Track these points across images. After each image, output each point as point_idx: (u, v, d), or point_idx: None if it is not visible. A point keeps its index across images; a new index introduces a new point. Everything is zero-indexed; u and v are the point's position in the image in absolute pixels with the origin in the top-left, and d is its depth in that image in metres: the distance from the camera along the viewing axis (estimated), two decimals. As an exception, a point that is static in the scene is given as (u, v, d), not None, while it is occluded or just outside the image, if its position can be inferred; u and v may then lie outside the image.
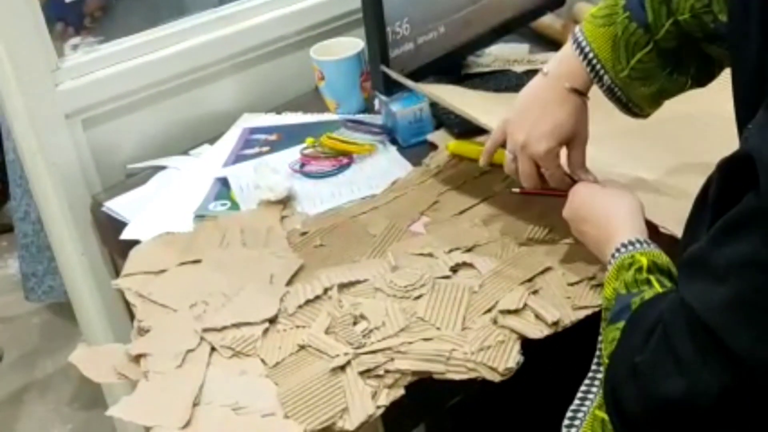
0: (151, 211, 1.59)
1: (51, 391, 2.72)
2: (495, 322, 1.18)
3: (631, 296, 0.97)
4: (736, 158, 0.83)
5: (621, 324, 0.95)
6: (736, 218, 0.81)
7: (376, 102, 1.78)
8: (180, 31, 1.84)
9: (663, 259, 1.02)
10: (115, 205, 1.64)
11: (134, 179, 1.74)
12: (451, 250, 1.33)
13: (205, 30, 1.86)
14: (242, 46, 1.90)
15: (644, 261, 1.01)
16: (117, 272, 1.54)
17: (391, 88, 1.64)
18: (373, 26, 1.58)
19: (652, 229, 1.16)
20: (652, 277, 0.99)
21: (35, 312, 2.94)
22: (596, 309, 1.19)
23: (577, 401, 1.04)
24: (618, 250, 1.05)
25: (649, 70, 1.22)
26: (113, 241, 1.59)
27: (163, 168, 1.75)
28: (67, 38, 1.87)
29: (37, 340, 2.92)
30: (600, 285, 1.21)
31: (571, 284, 1.23)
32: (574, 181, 1.26)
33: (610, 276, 1.04)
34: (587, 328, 1.17)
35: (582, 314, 1.19)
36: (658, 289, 0.97)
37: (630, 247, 1.04)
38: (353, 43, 1.80)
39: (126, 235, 1.54)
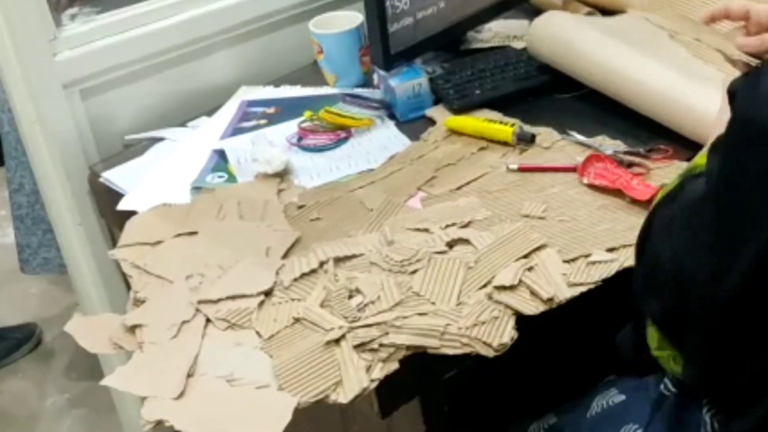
0: (148, 183, 1.59)
1: (48, 360, 2.73)
2: (490, 297, 1.18)
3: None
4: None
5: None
6: (717, 140, 0.93)
7: (375, 76, 1.77)
8: (179, 2, 1.83)
9: None
10: (113, 176, 1.64)
11: (132, 150, 1.74)
12: (447, 226, 1.33)
13: (204, 1, 1.85)
14: (242, 17, 1.90)
15: None
16: (114, 243, 1.54)
17: (390, 62, 1.64)
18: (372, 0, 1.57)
19: None
20: None
21: (34, 281, 2.94)
22: (591, 286, 1.19)
23: None
24: None
25: None
26: (110, 212, 1.59)
27: (160, 139, 1.75)
28: (63, 8, 1.87)
29: (35, 310, 2.93)
30: (596, 263, 1.22)
31: (567, 261, 1.23)
32: None
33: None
34: (582, 304, 1.18)
35: (577, 291, 1.18)
36: None
37: None
38: (353, 17, 1.79)
39: (123, 206, 1.54)
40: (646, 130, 1.49)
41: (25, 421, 2.53)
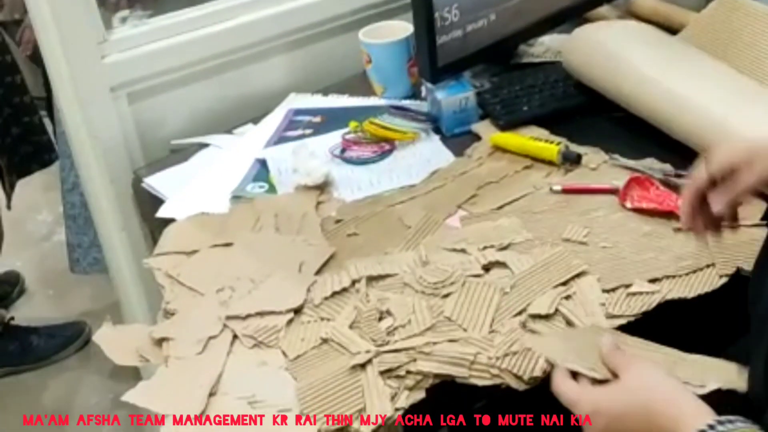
0: (189, 190, 1.58)
1: (96, 359, 2.73)
2: (524, 326, 1.14)
3: None
4: None
5: None
6: None
7: (423, 88, 1.73)
8: (230, 8, 1.82)
9: None
10: (155, 182, 1.63)
11: (177, 156, 1.73)
12: (485, 247, 1.29)
13: (255, 7, 1.84)
14: (293, 25, 1.88)
15: None
16: (156, 248, 1.53)
17: (437, 75, 1.60)
18: (420, 11, 1.54)
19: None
20: None
21: (86, 280, 2.95)
22: (631, 318, 1.14)
23: None
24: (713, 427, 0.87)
25: None
26: (152, 217, 1.58)
27: (206, 146, 1.73)
28: (120, 8, 1.87)
29: (86, 308, 2.93)
30: (636, 294, 1.17)
31: (606, 291, 1.18)
32: None
33: None
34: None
35: (616, 323, 1.14)
36: None
37: (738, 424, 0.87)
38: (403, 28, 1.76)
39: (162, 213, 1.53)
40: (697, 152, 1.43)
41: (70, 420, 2.53)
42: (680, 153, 1.43)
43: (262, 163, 1.61)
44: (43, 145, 2.62)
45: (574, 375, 1.02)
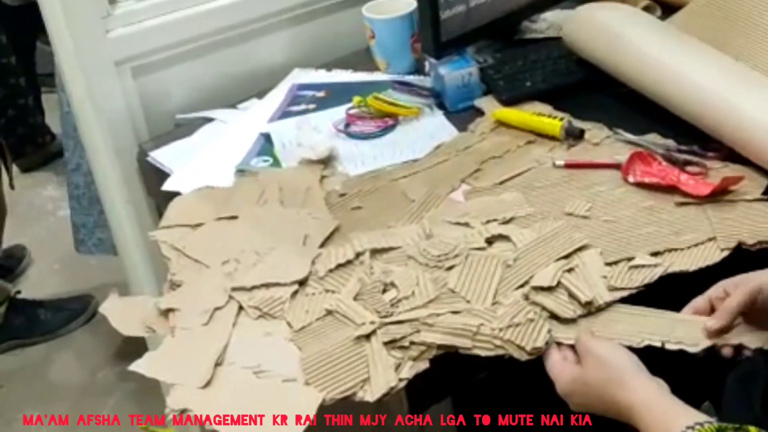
0: (194, 164, 1.59)
1: (102, 333, 2.74)
2: (527, 298, 1.15)
3: None
4: None
5: None
6: None
7: (426, 64, 1.74)
8: (235, -18, 1.82)
9: None
10: (160, 156, 1.64)
11: (181, 130, 1.73)
12: (488, 221, 1.30)
13: (259, -18, 1.84)
14: (297, -1, 1.88)
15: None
16: (162, 221, 1.54)
17: (440, 50, 1.61)
18: (423, -15, 1.54)
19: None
20: None
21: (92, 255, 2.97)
22: (633, 291, 1.15)
23: None
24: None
25: None
26: (157, 191, 1.59)
27: (210, 120, 1.74)
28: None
29: (92, 281, 2.94)
30: (638, 267, 1.18)
31: (609, 264, 1.19)
32: None
33: None
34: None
35: (617, 296, 1.15)
36: None
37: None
38: (406, 3, 1.76)
39: (168, 186, 1.54)
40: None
41: (75, 393, 2.56)
42: (682, 129, 1.44)
43: (267, 138, 1.62)
44: (38, 127, 2.62)
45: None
